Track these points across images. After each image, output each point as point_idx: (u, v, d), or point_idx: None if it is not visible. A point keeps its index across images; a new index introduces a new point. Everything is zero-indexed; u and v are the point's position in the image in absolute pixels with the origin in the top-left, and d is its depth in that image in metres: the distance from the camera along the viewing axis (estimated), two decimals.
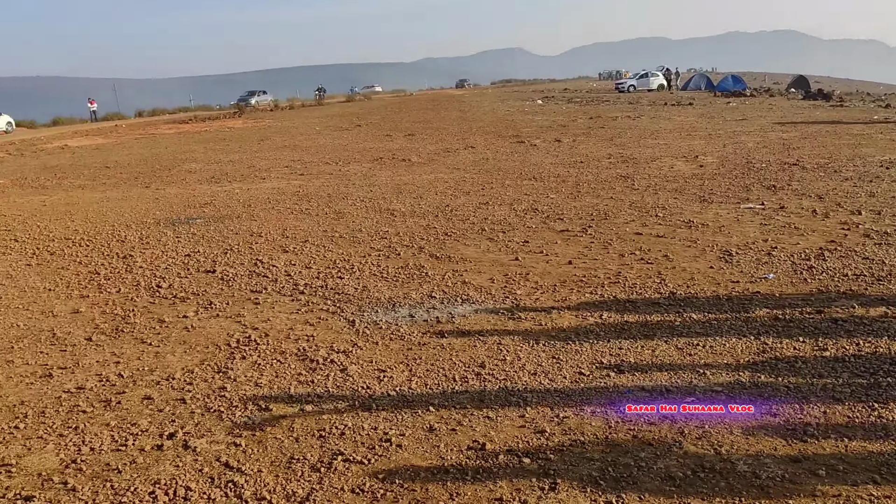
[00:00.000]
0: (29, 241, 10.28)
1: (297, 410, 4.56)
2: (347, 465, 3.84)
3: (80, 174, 18.43)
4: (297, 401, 4.71)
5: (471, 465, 3.76)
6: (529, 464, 3.74)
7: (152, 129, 35.22)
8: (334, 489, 3.62)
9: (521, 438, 4.01)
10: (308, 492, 3.60)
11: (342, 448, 4.02)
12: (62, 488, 3.78)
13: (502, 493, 3.49)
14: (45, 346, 6.14)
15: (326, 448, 4.04)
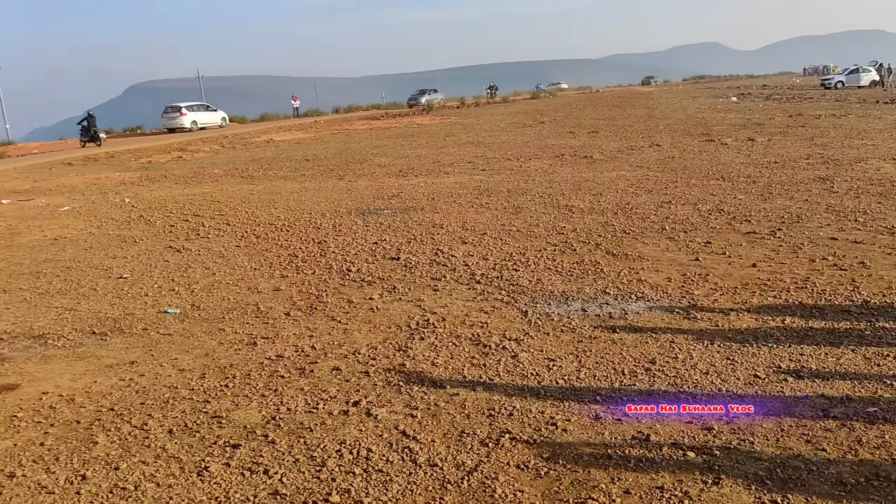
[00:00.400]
0: (238, 226, 11.50)
1: (469, 390, 4.85)
2: (514, 443, 4.06)
3: (282, 166, 20.16)
4: (470, 381, 5.01)
5: (634, 454, 3.84)
6: (694, 458, 3.75)
7: (347, 125, 37.60)
8: (501, 463, 3.85)
9: (687, 434, 4.02)
10: (476, 463, 3.86)
11: (510, 427, 4.25)
12: (263, 440, 4.32)
13: (664, 482, 3.54)
14: (251, 318, 6.92)
15: (495, 426, 4.29)
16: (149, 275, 8.71)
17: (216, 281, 8.33)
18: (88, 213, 13.36)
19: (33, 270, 9.10)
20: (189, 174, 19.33)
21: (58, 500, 3.76)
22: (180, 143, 28.73)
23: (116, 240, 10.86)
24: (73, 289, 8.20)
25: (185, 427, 4.56)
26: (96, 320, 6.99)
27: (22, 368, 5.81)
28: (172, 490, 3.78)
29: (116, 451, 4.26)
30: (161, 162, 23.18)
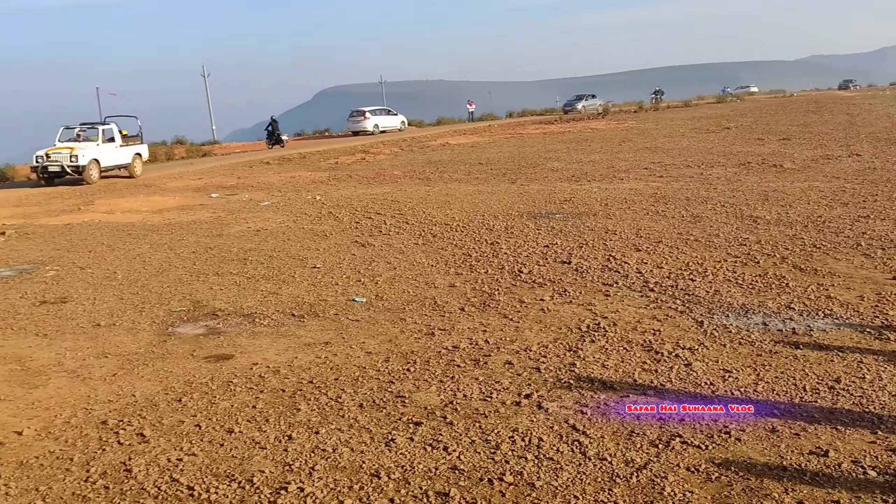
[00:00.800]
0: (417, 224, 12.18)
1: (639, 393, 4.99)
2: (684, 446, 4.17)
3: (457, 169, 20.90)
4: (640, 385, 5.14)
5: (810, 468, 3.83)
6: (875, 477, 3.69)
7: (520, 129, 38.07)
8: (670, 464, 3.98)
9: (869, 453, 3.94)
10: (645, 461, 4.02)
11: (680, 431, 4.36)
12: (441, 421, 4.72)
13: (840, 497, 3.53)
14: (429, 310, 7.42)
15: (665, 429, 4.41)
16: (338, 266, 9.52)
17: (397, 275, 8.95)
18: (285, 208, 14.68)
19: (241, 257, 10.23)
20: (371, 175, 20.55)
21: (269, 454, 4.36)
22: (363, 145, 30.47)
23: (309, 233, 11.90)
24: (275, 275, 9.15)
25: (373, 403, 5.07)
26: (295, 304, 7.80)
27: (235, 342, 6.65)
28: (364, 455, 4.26)
29: (316, 418, 4.84)
30: (347, 163, 24.78)
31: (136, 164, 22.33)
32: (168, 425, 4.86)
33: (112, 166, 21.49)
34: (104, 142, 21.32)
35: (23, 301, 8.27)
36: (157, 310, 7.81)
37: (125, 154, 22.08)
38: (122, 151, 21.98)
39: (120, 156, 21.86)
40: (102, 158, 20.89)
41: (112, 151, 21.51)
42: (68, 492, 4.02)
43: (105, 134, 21.60)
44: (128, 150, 22.25)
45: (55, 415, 5.11)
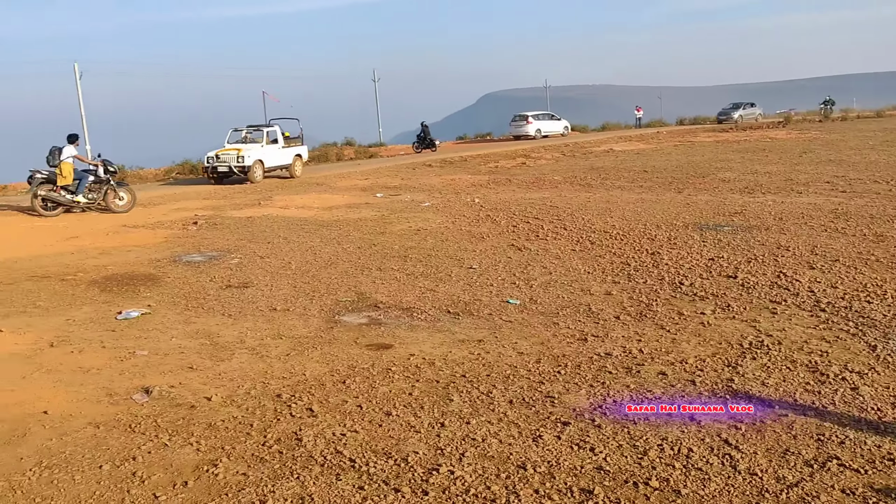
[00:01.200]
0: (574, 231, 12.27)
1: (798, 413, 4.88)
2: (842, 469, 4.07)
3: (620, 176, 20.67)
4: (801, 405, 5.02)
5: None
6: None
7: (691, 136, 36.85)
8: (824, 485, 3.91)
9: None
10: (798, 480, 3.98)
11: (839, 454, 4.25)
12: (590, 423, 4.87)
13: None
14: (583, 316, 7.55)
15: (823, 450, 4.31)
16: (494, 268, 9.83)
17: (552, 280, 9.12)
18: (444, 209, 15.24)
19: (402, 255, 10.81)
20: (531, 179, 20.78)
21: (423, 438, 4.71)
22: (524, 150, 30.75)
23: (467, 235, 12.32)
24: (433, 273, 9.62)
25: (522, 400, 5.30)
26: (451, 302, 8.20)
27: (394, 333, 7.12)
28: (511, 448, 4.51)
29: (467, 410, 5.14)
30: (507, 167, 25.16)
31: (296, 165, 23.35)
32: (333, 403, 5.35)
33: (275, 167, 22.54)
34: (268, 143, 22.36)
35: (211, 284, 9.25)
36: (326, 299, 8.47)
37: (287, 155, 23.10)
38: (284, 152, 22.99)
39: (282, 157, 22.90)
40: (266, 159, 21.97)
41: (275, 152, 22.54)
42: (248, 453, 4.56)
43: (269, 136, 22.64)
44: (289, 152, 23.23)
45: (238, 385, 5.76)
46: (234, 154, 21.24)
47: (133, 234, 12.88)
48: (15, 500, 4.06)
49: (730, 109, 50.65)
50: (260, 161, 21.64)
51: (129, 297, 8.67)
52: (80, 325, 7.53)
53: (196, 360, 6.43)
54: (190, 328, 7.42)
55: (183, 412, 5.24)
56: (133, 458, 4.51)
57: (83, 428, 4.98)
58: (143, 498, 4.04)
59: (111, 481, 4.24)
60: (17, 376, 6.03)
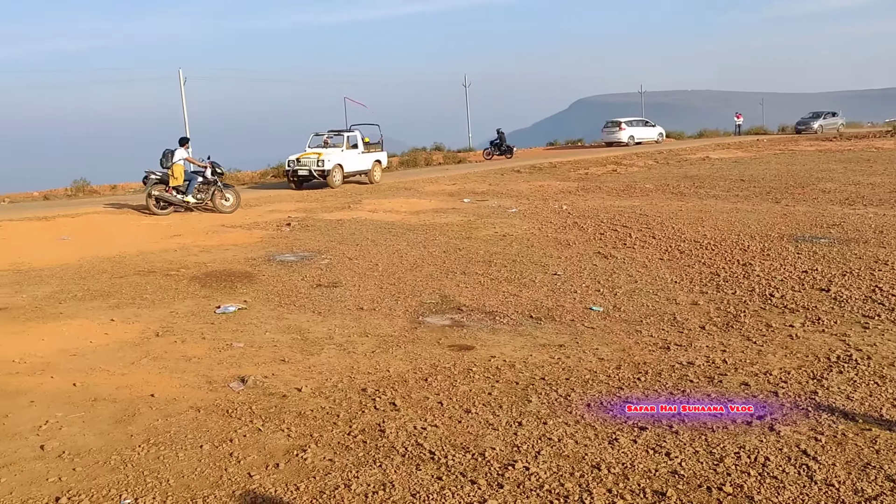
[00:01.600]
0: (663, 240, 12.20)
1: (884, 429, 4.83)
2: None
3: (715, 185, 20.29)
4: (887, 421, 4.97)
5: None
6: None
7: (792, 144, 35.65)
8: None
9: None
10: (877, 493, 3.98)
11: None
12: (667, 429, 4.97)
13: None
14: (667, 325, 7.59)
15: None
16: (578, 275, 9.94)
17: (637, 288, 9.16)
18: (531, 215, 15.38)
19: (486, 260, 11.05)
20: (621, 187, 20.66)
21: (500, 435, 4.92)
22: (616, 156, 30.49)
23: (553, 241, 12.45)
24: (517, 278, 9.82)
25: (600, 404, 5.44)
26: (533, 307, 8.38)
27: (476, 335, 7.37)
28: (587, 449, 4.67)
29: (545, 411, 5.33)
30: (597, 174, 25.06)
31: (375, 171, 23.38)
32: (415, 399, 5.63)
33: (354, 172, 22.61)
34: (348, 148, 22.41)
35: (303, 283, 9.73)
36: (411, 300, 8.80)
37: (366, 160, 23.12)
38: (363, 158, 23.02)
39: (362, 162, 22.94)
40: (346, 164, 22.08)
41: (355, 157, 22.60)
42: (335, 441, 4.89)
43: (349, 141, 22.65)
44: (369, 157, 23.27)
45: (326, 378, 6.12)
46: (315, 158, 21.48)
47: (230, 234, 13.61)
48: (126, 472, 4.50)
49: (809, 119, 47.99)
50: (339, 165, 21.83)
51: (227, 292, 9.24)
52: (183, 317, 8.10)
53: (288, 353, 6.85)
54: (282, 323, 7.88)
55: (275, 401, 5.63)
56: (230, 441, 4.91)
57: (186, 411, 5.44)
58: (239, 476, 4.42)
59: (211, 460, 4.64)
60: (127, 362, 6.60)
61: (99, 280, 9.92)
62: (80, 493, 4.25)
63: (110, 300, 8.86)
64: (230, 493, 4.23)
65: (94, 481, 4.39)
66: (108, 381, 6.09)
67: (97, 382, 6.07)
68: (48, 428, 5.16)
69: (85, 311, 8.39)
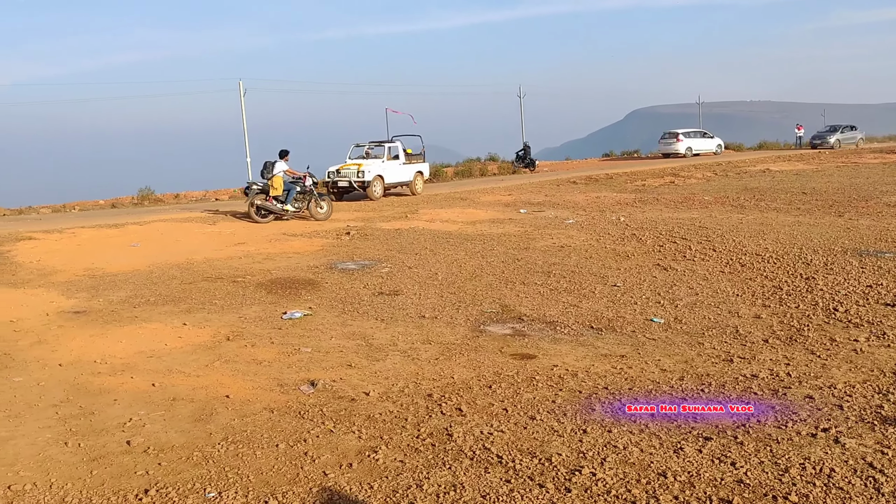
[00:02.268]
0: (724, 252, 12.14)
1: None
2: None
3: (776, 197, 20.01)
4: None
5: None
6: None
7: (856, 157, 34.82)
8: None
9: None
10: None
11: None
12: (732, 440, 5.02)
13: None
14: (729, 338, 7.61)
15: None
16: (638, 286, 9.99)
17: (698, 301, 9.18)
18: (589, 227, 15.44)
19: (545, 270, 11.17)
20: (679, 199, 20.52)
21: (565, 442, 5.05)
22: (673, 168, 30.23)
23: (612, 253, 12.50)
24: (576, 289, 9.92)
25: (664, 415, 5.52)
26: (594, 317, 8.48)
27: (538, 344, 7.50)
28: (653, 457, 4.76)
29: (609, 419, 5.43)
30: (654, 185, 24.91)
31: (417, 182, 23.16)
32: (481, 405, 5.80)
33: (395, 183, 22.48)
34: (389, 159, 22.26)
35: (365, 291, 10.00)
36: (471, 309, 8.98)
37: (408, 171, 22.89)
38: (405, 169, 22.80)
39: (403, 173, 22.73)
40: (387, 175, 21.91)
41: (396, 168, 22.41)
42: (404, 443, 5.08)
43: (390, 151, 22.50)
44: (410, 168, 23.03)
45: (392, 384, 6.33)
46: (355, 169, 21.34)
47: (293, 242, 13.99)
48: (208, 467, 4.77)
49: (826, 133, 44.52)
50: (380, 177, 21.65)
51: (292, 299, 9.56)
52: (251, 322, 8.43)
53: (354, 358, 7.09)
54: (347, 330, 8.14)
55: (345, 404, 5.86)
56: (304, 441, 5.15)
57: (260, 412, 5.70)
58: (314, 474, 4.64)
59: (287, 458, 4.88)
60: (201, 364, 6.92)
61: (169, 285, 10.34)
62: (167, 486, 4.52)
63: (181, 305, 9.25)
64: (307, 489, 4.45)
65: (178, 475, 4.66)
66: (185, 382, 6.41)
67: (174, 383, 6.39)
68: (132, 425, 5.47)
69: (158, 315, 8.78)
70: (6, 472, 4.71)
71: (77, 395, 6.10)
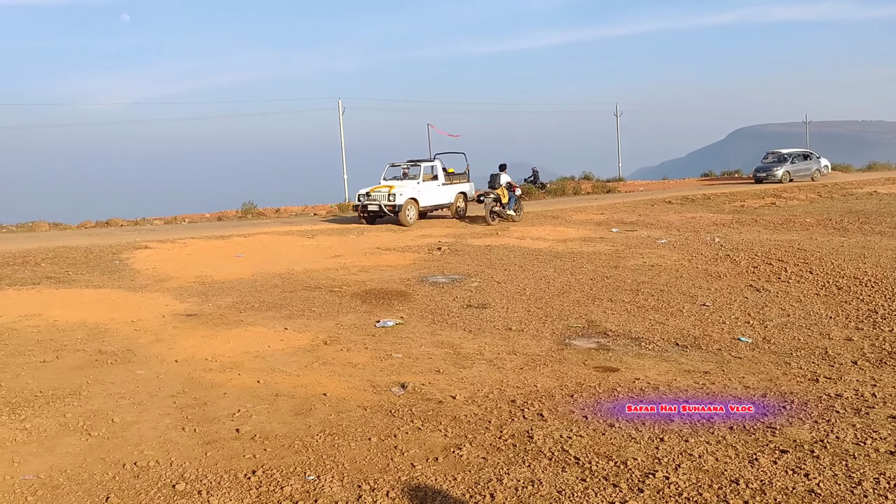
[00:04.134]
0: (821, 275, 11.96)
1: None
2: None
3: (882, 220, 19.32)
4: None
5: None
6: None
7: None
8: None
9: None
10: None
11: None
12: (808, 454, 5.14)
13: None
14: (817, 358, 7.63)
15: None
16: (728, 307, 10.03)
17: (789, 322, 9.16)
18: (681, 246, 15.43)
19: (633, 288, 11.33)
20: (779, 220, 20.12)
21: (642, 448, 5.29)
22: (775, 189, 29.50)
23: (703, 273, 12.52)
24: (664, 307, 10.05)
25: (743, 428, 5.68)
26: (680, 335, 8.62)
27: (621, 359, 7.73)
28: (727, 465, 4.95)
29: (687, 430, 5.63)
30: (754, 206, 24.44)
31: (459, 204, 21.74)
32: (562, 412, 6.10)
33: (433, 206, 21.02)
34: (426, 180, 20.84)
35: (454, 303, 10.44)
36: (557, 323, 9.27)
37: (448, 193, 21.44)
38: (444, 190, 21.30)
39: (441, 195, 21.25)
40: (422, 198, 20.40)
41: (433, 190, 20.91)
42: (486, 442, 5.45)
43: (428, 171, 21.05)
44: (451, 189, 21.54)
45: (478, 389, 6.71)
46: (385, 192, 19.83)
47: (386, 256, 14.62)
48: (308, 454, 5.26)
49: (772, 164, 35.03)
50: (413, 200, 20.10)
51: (385, 308, 10.09)
52: (347, 328, 8.98)
53: (442, 365, 7.51)
54: (436, 339, 8.57)
55: (432, 405, 6.28)
56: (394, 436, 5.58)
57: (354, 409, 6.18)
58: (403, 465, 5.06)
59: (378, 450, 5.32)
60: (301, 365, 7.49)
61: (272, 293, 11.07)
62: (271, 468, 5.04)
63: (283, 311, 9.92)
64: (396, 478, 4.88)
65: (282, 460, 5.17)
66: (286, 381, 6.98)
67: (277, 381, 6.97)
68: (240, 415, 6.05)
69: (262, 319, 9.46)
70: (132, 451, 5.34)
71: (191, 387, 6.75)
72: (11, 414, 6.04)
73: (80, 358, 7.70)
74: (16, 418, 5.95)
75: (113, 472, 4.99)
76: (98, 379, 6.97)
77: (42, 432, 5.68)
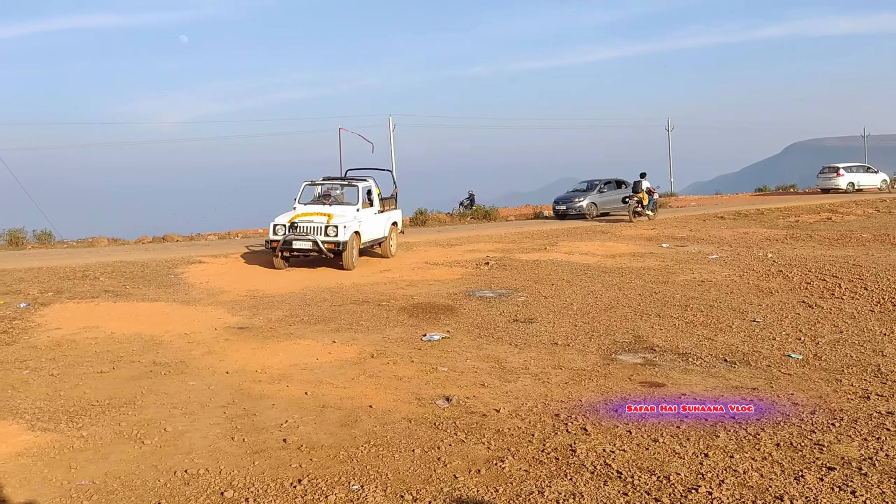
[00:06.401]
0: (877, 292, 11.68)
1: None
2: None
3: None
4: None
5: None
6: None
7: None
8: None
9: None
10: None
11: None
12: (856, 471, 5.07)
13: None
14: (869, 376, 7.48)
15: None
16: (779, 323, 9.87)
17: (842, 338, 8.98)
18: (733, 262, 15.21)
19: (682, 304, 11.22)
20: (835, 236, 19.66)
21: (685, 463, 5.27)
22: (832, 204, 28.81)
23: (754, 289, 12.33)
24: (713, 323, 9.94)
25: (790, 444, 5.62)
26: (728, 351, 8.52)
27: (667, 374, 7.68)
28: (772, 482, 4.92)
29: (733, 445, 5.60)
30: (809, 222, 23.94)
31: (392, 239, 16.63)
32: (605, 427, 6.10)
33: (371, 241, 15.77)
34: (364, 206, 15.49)
35: (500, 318, 10.49)
36: (604, 338, 9.24)
37: (382, 224, 16.26)
38: (379, 220, 16.15)
39: (378, 226, 16.07)
40: (363, 230, 15.11)
41: (372, 220, 15.74)
42: (529, 455, 5.49)
43: (364, 194, 15.65)
44: (385, 219, 16.45)
45: (522, 403, 6.75)
46: (322, 223, 14.39)
47: (434, 271, 14.74)
48: (352, 465, 5.38)
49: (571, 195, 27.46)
50: (357, 234, 14.77)
51: (432, 322, 10.19)
52: (394, 342, 9.11)
53: (487, 379, 7.57)
54: (481, 353, 8.64)
55: (476, 418, 6.34)
56: (437, 448, 5.67)
57: (399, 421, 6.28)
58: (445, 476, 5.14)
59: (422, 461, 5.41)
60: (348, 378, 7.63)
61: (321, 307, 11.28)
62: (317, 477, 5.16)
63: (331, 325, 10.10)
64: (439, 489, 4.96)
65: (327, 469, 5.30)
66: (333, 392, 7.12)
67: (324, 393, 7.11)
68: (288, 426, 6.20)
69: (311, 332, 9.65)
70: (183, 459, 5.53)
71: (241, 398, 6.94)
72: (69, 422, 6.31)
73: (135, 369, 7.97)
74: (73, 426, 6.21)
75: (164, 479, 5.18)
76: (152, 389, 7.22)
77: (98, 440, 5.92)
